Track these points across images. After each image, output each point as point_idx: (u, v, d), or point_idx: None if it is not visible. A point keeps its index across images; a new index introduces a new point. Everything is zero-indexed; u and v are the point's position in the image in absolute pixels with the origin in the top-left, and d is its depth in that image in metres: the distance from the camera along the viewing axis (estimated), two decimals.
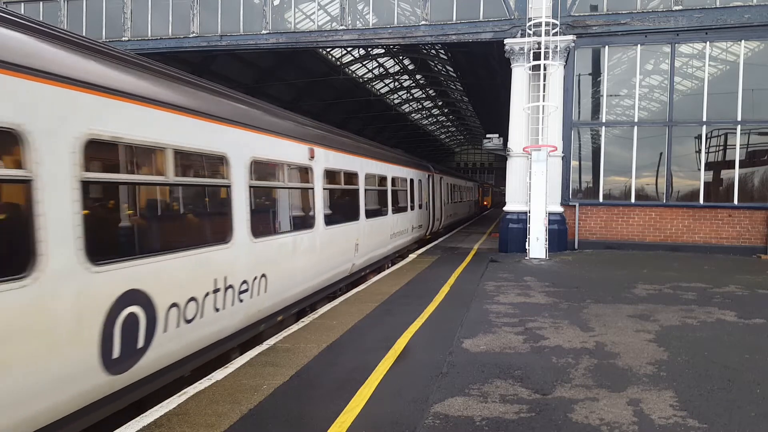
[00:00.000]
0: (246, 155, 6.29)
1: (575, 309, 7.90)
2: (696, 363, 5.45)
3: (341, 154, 9.89)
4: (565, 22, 14.43)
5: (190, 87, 5.68)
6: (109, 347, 4.12)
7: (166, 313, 4.76)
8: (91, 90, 4.14)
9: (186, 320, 5.07)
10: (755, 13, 13.74)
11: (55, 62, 3.86)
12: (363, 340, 6.27)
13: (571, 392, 4.66)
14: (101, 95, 4.23)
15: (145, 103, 4.69)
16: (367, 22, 17.23)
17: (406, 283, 9.99)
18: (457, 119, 59.90)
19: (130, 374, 4.36)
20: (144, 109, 4.67)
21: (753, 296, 8.88)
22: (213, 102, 5.95)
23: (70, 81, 3.93)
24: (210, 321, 5.48)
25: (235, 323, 6.01)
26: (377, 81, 38.69)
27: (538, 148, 13.86)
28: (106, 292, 4.12)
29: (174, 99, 5.15)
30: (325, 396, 4.59)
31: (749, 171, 14.72)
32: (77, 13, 18.86)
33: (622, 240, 14.87)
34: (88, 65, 4.26)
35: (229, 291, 5.84)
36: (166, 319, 4.77)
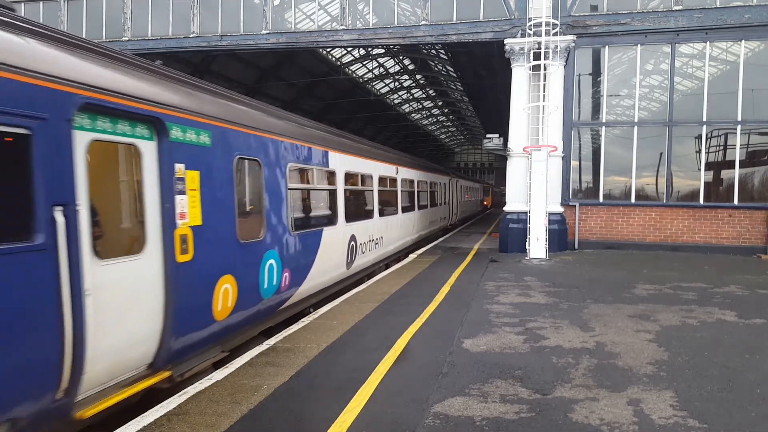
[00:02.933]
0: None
1: (575, 309, 7.90)
2: (696, 363, 5.45)
3: (408, 169, 15.90)
4: (565, 22, 14.42)
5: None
6: (348, 257, 10.01)
7: (359, 245, 10.72)
8: (338, 150, 9.85)
9: (362, 251, 11.01)
10: (755, 13, 13.74)
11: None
12: (363, 340, 6.27)
13: (571, 392, 4.66)
14: (339, 152, 9.87)
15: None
16: (367, 22, 17.23)
17: (407, 283, 9.99)
18: (457, 119, 59.89)
19: (351, 269, 10.29)
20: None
21: (753, 296, 8.88)
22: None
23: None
24: (369, 252, 11.60)
25: (374, 257, 12.13)
26: (377, 81, 38.69)
27: (539, 148, 13.86)
28: (347, 234, 10.00)
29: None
30: (325, 396, 4.59)
31: (749, 171, 14.72)
32: (77, 13, 18.86)
33: (622, 240, 14.86)
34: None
35: (372, 242, 11.80)
36: (360, 248, 10.78)
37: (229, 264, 5.74)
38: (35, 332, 3.50)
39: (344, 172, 9.90)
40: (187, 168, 5.06)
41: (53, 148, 3.62)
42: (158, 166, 4.75)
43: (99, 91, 4.06)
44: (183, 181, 5.02)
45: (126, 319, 4.35)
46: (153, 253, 4.68)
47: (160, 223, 4.75)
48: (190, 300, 5.09)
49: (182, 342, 4.98)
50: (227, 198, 5.72)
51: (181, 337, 4.94)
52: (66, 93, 3.74)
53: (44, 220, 3.53)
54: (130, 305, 4.41)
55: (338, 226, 9.52)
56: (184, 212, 5.02)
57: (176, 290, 4.83)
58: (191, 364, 5.20)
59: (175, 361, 4.92)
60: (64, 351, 3.66)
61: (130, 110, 4.40)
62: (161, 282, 4.75)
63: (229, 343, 6.01)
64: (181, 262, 4.90)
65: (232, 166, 5.86)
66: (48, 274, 3.56)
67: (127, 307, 4.38)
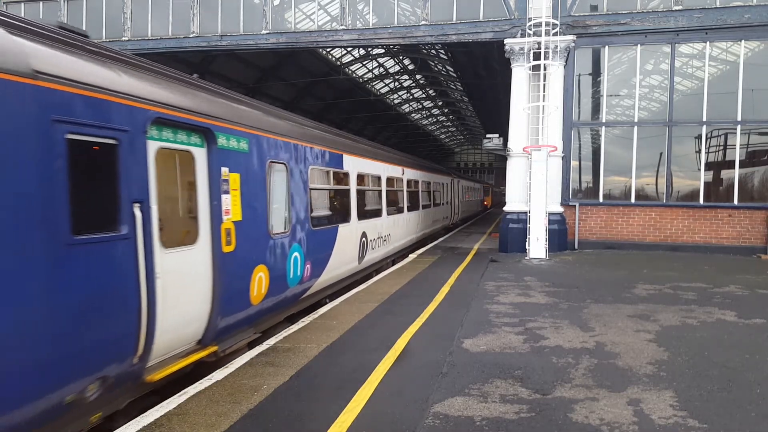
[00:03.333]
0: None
1: (575, 309, 7.90)
2: (696, 363, 5.45)
3: (413, 170, 16.79)
4: (565, 22, 14.42)
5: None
6: (360, 252, 10.72)
7: (369, 242, 11.48)
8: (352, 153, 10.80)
9: (372, 247, 11.78)
10: (755, 13, 13.74)
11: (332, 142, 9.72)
12: (363, 340, 6.27)
13: (571, 392, 4.66)
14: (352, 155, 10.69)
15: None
16: (367, 22, 17.22)
17: (407, 283, 9.99)
18: (457, 119, 59.89)
19: (362, 264, 11.05)
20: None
21: (753, 296, 8.88)
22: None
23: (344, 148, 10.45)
24: (378, 249, 12.36)
25: (383, 253, 12.98)
26: (377, 81, 38.68)
27: (538, 148, 13.86)
28: (359, 230, 10.77)
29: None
30: (325, 396, 4.60)
31: (749, 171, 14.72)
32: (77, 13, 18.86)
33: (622, 240, 14.87)
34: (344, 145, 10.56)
35: (380, 238, 12.59)
36: (370, 244, 11.53)
37: (262, 255, 6.59)
38: (121, 307, 4.26)
39: (356, 173, 10.80)
40: (230, 171, 5.89)
41: (133, 155, 4.41)
42: (208, 169, 5.58)
43: (165, 107, 4.86)
44: (227, 182, 5.83)
45: (184, 301, 5.09)
46: (204, 244, 5.46)
47: (210, 218, 5.54)
48: (233, 285, 5.84)
49: (225, 322, 5.73)
50: (261, 197, 6.58)
51: (225, 317, 5.69)
52: (143, 110, 4.55)
53: (127, 214, 4.32)
54: (187, 288, 5.15)
55: (351, 224, 10.40)
56: (228, 209, 5.81)
57: (222, 276, 5.58)
58: (232, 342, 5.95)
59: (219, 338, 5.66)
60: (141, 323, 4.43)
61: (188, 122, 5.19)
62: (210, 269, 5.52)
63: (261, 326, 6.81)
64: (225, 252, 5.69)
65: (265, 168, 6.73)
66: (130, 259, 4.32)
67: (185, 290, 5.11)
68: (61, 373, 3.73)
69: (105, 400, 4.20)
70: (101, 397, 4.12)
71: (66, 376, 3.77)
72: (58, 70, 3.79)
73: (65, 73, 3.85)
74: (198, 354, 5.33)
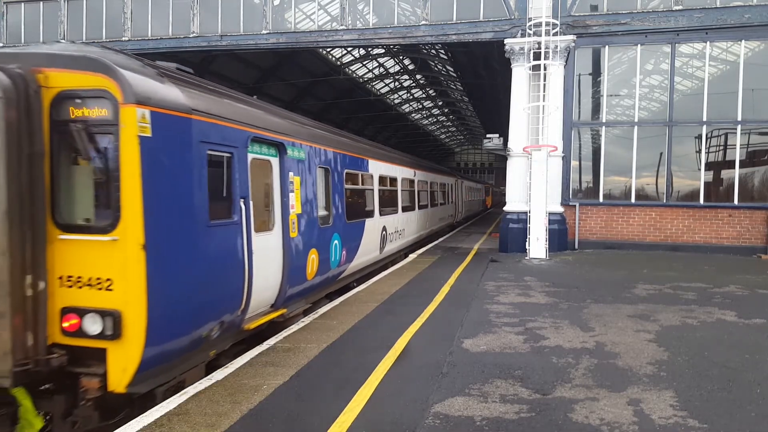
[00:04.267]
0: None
1: (575, 309, 7.90)
2: (696, 363, 5.45)
3: (423, 172, 18.40)
4: (565, 22, 14.42)
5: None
6: (381, 243, 12.27)
7: (389, 234, 12.80)
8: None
9: (390, 240, 13.10)
10: (755, 13, 13.73)
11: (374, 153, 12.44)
12: (363, 340, 6.27)
13: (572, 392, 4.66)
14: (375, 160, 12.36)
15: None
16: (367, 22, 17.22)
17: (407, 283, 9.99)
18: (457, 119, 59.88)
19: (383, 254, 12.59)
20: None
21: (753, 296, 8.88)
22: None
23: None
24: (395, 241, 13.75)
25: (398, 246, 14.37)
26: (377, 81, 38.68)
27: (539, 148, 13.85)
28: (380, 224, 12.29)
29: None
30: (325, 396, 4.60)
31: (749, 171, 14.72)
32: (77, 13, 18.84)
33: (622, 240, 14.86)
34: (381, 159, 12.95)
35: (397, 232, 13.97)
36: (389, 237, 12.87)
37: (315, 241, 8.15)
38: (235, 272, 5.82)
39: (378, 175, 12.38)
40: (294, 174, 7.50)
41: (240, 164, 6.01)
42: (280, 173, 7.19)
43: (257, 128, 6.51)
44: (292, 183, 7.43)
45: (266, 272, 6.57)
46: (277, 231, 7.04)
47: (281, 211, 7.12)
48: (296, 263, 7.42)
49: (290, 291, 7.28)
50: (313, 195, 8.16)
51: (290, 288, 7.24)
52: (246, 131, 6.21)
53: (237, 206, 5.91)
54: (268, 263, 6.65)
55: (375, 219, 11.96)
56: (293, 204, 7.43)
57: (289, 256, 7.17)
58: (294, 309, 7.53)
59: (286, 304, 7.21)
60: (245, 285, 5.97)
61: (269, 139, 6.81)
62: (281, 250, 7.07)
63: (310, 299, 8.38)
64: (292, 237, 7.31)
65: (315, 172, 8.35)
66: (239, 238, 5.89)
67: (267, 264, 6.60)
68: (203, 315, 5.28)
69: (219, 340, 5.73)
70: (218, 337, 5.63)
71: (206, 317, 5.32)
72: (200, 106, 5.36)
73: (204, 108, 5.42)
74: (272, 314, 6.80)
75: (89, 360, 4.46)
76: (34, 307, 4.34)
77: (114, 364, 4.39)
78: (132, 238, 4.42)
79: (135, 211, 4.43)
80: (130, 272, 4.41)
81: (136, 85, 4.53)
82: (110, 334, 4.37)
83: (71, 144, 4.47)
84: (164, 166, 4.75)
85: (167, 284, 4.72)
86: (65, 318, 4.46)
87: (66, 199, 4.59)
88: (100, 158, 4.48)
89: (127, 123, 4.42)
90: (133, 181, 4.43)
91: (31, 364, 4.26)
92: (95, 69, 4.47)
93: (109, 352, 4.40)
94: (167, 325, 4.72)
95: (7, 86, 4.15)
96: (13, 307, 4.17)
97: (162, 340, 4.64)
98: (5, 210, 4.16)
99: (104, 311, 4.39)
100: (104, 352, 4.41)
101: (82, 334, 4.43)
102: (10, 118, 4.17)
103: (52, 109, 4.49)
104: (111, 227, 4.43)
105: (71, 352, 4.47)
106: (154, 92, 4.74)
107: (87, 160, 4.51)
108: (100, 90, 4.44)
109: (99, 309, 4.41)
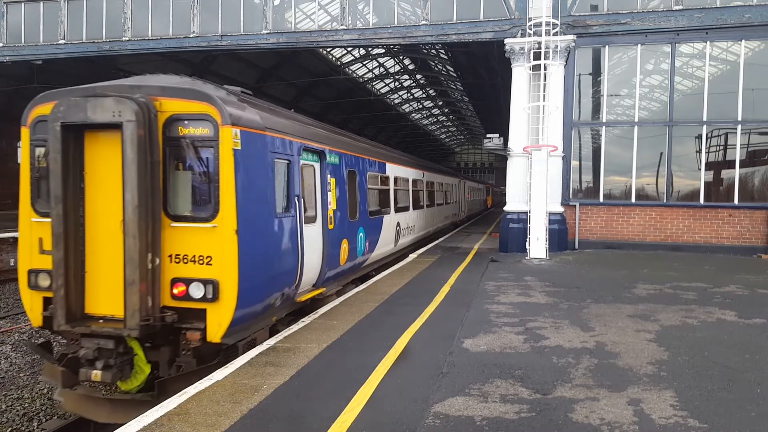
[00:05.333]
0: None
1: (575, 309, 7.90)
2: (696, 363, 5.45)
3: (431, 173, 19.89)
4: (565, 22, 14.41)
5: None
6: (395, 237, 13.81)
7: (402, 229, 14.52)
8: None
9: (403, 235, 14.73)
10: (755, 13, 13.72)
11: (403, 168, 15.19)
12: (363, 340, 6.28)
13: (572, 392, 4.66)
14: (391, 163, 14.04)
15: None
16: (367, 21, 17.21)
17: (407, 283, 9.99)
18: (457, 119, 59.90)
19: (397, 247, 14.17)
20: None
21: (753, 296, 8.88)
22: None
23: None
24: (407, 236, 15.17)
25: (409, 240, 15.75)
26: (377, 81, 38.70)
27: (539, 148, 13.85)
28: (395, 220, 13.81)
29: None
30: (325, 396, 4.60)
31: (750, 171, 14.71)
32: (77, 12, 18.83)
33: (622, 240, 14.86)
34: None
35: (408, 228, 15.37)
36: (402, 232, 14.55)
37: (345, 233, 9.66)
38: (293, 253, 7.24)
39: (393, 176, 13.91)
40: (330, 177, 8.94)
41: (294, 168, 7.42)
42: (320, 176, 8.62)
43: (305, 139, 7.99)
44: (330, 184, 8.88)
45: (311, 256, 7.89)
46: (319, 223, 8.38)
47: (321, 207, 8.48)
48: (332, 251, 8.81)
49: (328, 274, 8.65)
50: (344, 194, 9.64)
51: (328, 271, 8.61)
52: (298, 143, 7.67)
53: (293, 202, 7.30)
54: (312, 249, 7.97)
55: (391, 215, 13.44)
56: (330, 201, 8.83)
57: (327, 244, 8.53)
58: (330, 289, 8.97)
59: (324, 284, 8.56)
60: (299, 264, 7.36)
61: (314, 148, 8.31)
62: (321, 239, 8.40)
63: (342, 281, 9.80)
64: (329, 229, 8.69)
65: (346, 175, 9.85)
66: (295, 227, 7.30)
67: (312, 250, 7.93)
68: (273, 286, 6.65)
69: (279, 309, 7.07)
70: (279, 306, 7.01)
71: (274, 288, 6.69)
72: (270, 124, 6.88)
73: (272, 125, 6.94)
74: (314, 292, 8.17)
75: (192, 319, 5.80)
76: (153, 277, 5.66)
77: (212, 320, 5.74)
78: (228, 225, 5.79)
79: (230, 204, 5.81)
80: (226, 251, 5.78)
81: (231, 110, 5.94)
82: (210, 297, 5.71)
83: (179, 155, 5.90)
84: (249, 171, 6.15)
85: (251, 261, 6.02)
86: (175, 286, 5.80)
87: (174, 197, 5.94)
88: (202, 165, 5.90)
89: (225, 139, 5.81)
90: (228, 183, 5.82)
91: (150, 320, 5.58)
92: (200, 99, 5.83)
93: (209, 312, 5.75)
94: (250, 292, 6.02)
95: (137, 111, 5.48)
96: (140, 277, 5.49)
97: (247, 304, 5.97)
98: (137, 204, 5.48)
99: (205, 280, 5.73)
100: (204, 312, 5.75)
101: (188, 298, 5.78)
102: (139, 135, 5.49)
103: (165, 128, 5.81)
104: (212, 217, 5.81)
105: (178, 313, 5.79)
106: (241, 115, 6.15)
107: (191, 167, 5.94)
108: (204, 114, 5.81)
109: (201, 279, 5.75)
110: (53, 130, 5.64)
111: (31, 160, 6.22)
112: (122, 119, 5.47)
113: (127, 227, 5.50)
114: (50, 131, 5.67)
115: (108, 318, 5.79)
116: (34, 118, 6.18)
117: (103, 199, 5.86)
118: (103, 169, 5.84)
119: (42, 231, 5.97)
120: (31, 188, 6.24)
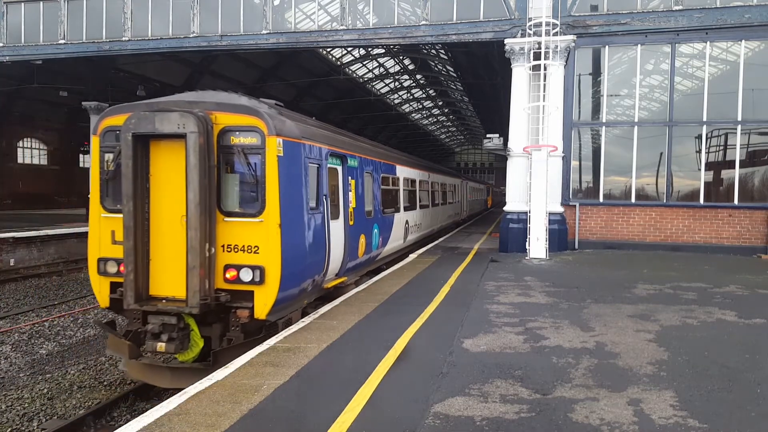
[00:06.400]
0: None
1: (575, 309, 7.90)
2: (696, 363, 5.45)
3: (436, 174, 20.94)
4: (565, 22, 14.41)
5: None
6: (404, 234, 14.84)
7: (410, 227, 15.54)
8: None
9: (411, 232, 15.75)
10: (755, 13, 13.72)
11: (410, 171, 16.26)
12: (363, 340, 6.27)
13: (572, 392, 4.66)
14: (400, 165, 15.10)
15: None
16: (367, 22, 17.21)
17: (407, 283, 9.99)
18: (457, 119, 59.91)
19: (405, 243, 15.19)
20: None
21: (753, 296, 8.88)
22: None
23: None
24: (414, 233, 16.19)
25: (416, 237, 16.69)
26: (377, 81, 38.71)
27: (539, 148, 13.85)
28: (404, 218, 14.80)
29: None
30: (325, 396, 4.60)
31: (749, 171, 14.71)
32: (77, 12, 18.82)
33: (622, 240, 14.86)
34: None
35: (416, 225, 16.50)
36: (410, 229, 15.57)
37: (363, 228, 10.65)
38: (322, 244, 8.18)
39: (402, 177, 14.86)
40: (351, 178, 9.97)
41: (322, 171, 8.37)
42: (342, 177, 9.60)
43: (331, 145, 8.97)
44: (350, 185, 9.90)
45: (335, 248, 8.80)
46: (341, 219, 9.30)
47: (343, 205, 9.48)
48: (352, 244, 9.76)
49: (349, 264, 9.64)
50: (362, 193, 10.66)
51: (349, 262, 9.61)
52: (326, 149, 8.64)
53: (321, 200, 8.25)
54: (336, 242, 8.89)
55: (400, 213, 14.45)
56: (351, 200, 9.89)
57: (348, 238, 9.51)
58: (350, 279, 10.01)
59: (345, 274, 9.56)
60: (326, 254, 8.32)
61: (337, 153, 9.31)
62: (343, 233, 9.34)
63: (359, 272, 10.93)
64: (350, 225, 9.70)
65: (363, 176, 10.88)
66: (323, 223, 8.23)
67: (336, 243, 8.86)
68: (307, 273, 7.60)
69: (310, 293, 8.06)
70: (310, 291, 7.98)
71: (307, 274, 7.63)
72: (305, 133, 7.86)
73: (306, 134, 7.93)
74: (337, 280, 9.18)
75: (241, 299, 6.79)
76: (210, 264, 6.61)
77: (259, 300, 6.74)
78: (272, 220, 6.78)
79: (274, 202, 6.79)
80: (271, 242, 6.76)
81: (275, 123, 6.95)
82: (258, 281, 6.69)
83: (231, 160, 6.88)
84: (289, 174, 7.12)
85: (291, 250, 7.02)
86: (227, 271, 6.77)
87: (226, 196, 6.91)
88: (251, 169, 6.83)
89: (270, 148, 6.80)
90: (273, 184, 6.81)
91: (207, 299, 6.52)
92: (250, 113, 6.86)
93: (256, 293, 6.74)
94: (290, 277, 6.99)
95: (198, 123, 6.46)
96: (200, 263, 6.41)
97: (287, 287, 6.96)
98: (198, 202, 6.42)
99: (254, 266, 6.72)
100: (252, 294, 6.75)
101: (238, 281, 6.76)
102: (201, 143, 6.45)
103: (219, 138, 6.79)
104: (259, 213, 6.79)
105: (230, 294, 6.77)
106: (283, 127, 7.16)
107: (242, 171, 6.88)
108: (253, 126, 6.82)
109: (250, 265, 6.74)
110: (125, 139, 6.56)
111: (101, 164, 7.15)
112: (186, 130, 6.41)
113: (190, 221, 6.44)
114: (122, 140, 6.60)
115: (170, 299, 6.73)
116: (103, 128, 7.13)
117: (165, 197, 6.80)
118: (166, 172, 6.80)
119: (113, 225, 6.98)
120: (100, 188, 7.18)
